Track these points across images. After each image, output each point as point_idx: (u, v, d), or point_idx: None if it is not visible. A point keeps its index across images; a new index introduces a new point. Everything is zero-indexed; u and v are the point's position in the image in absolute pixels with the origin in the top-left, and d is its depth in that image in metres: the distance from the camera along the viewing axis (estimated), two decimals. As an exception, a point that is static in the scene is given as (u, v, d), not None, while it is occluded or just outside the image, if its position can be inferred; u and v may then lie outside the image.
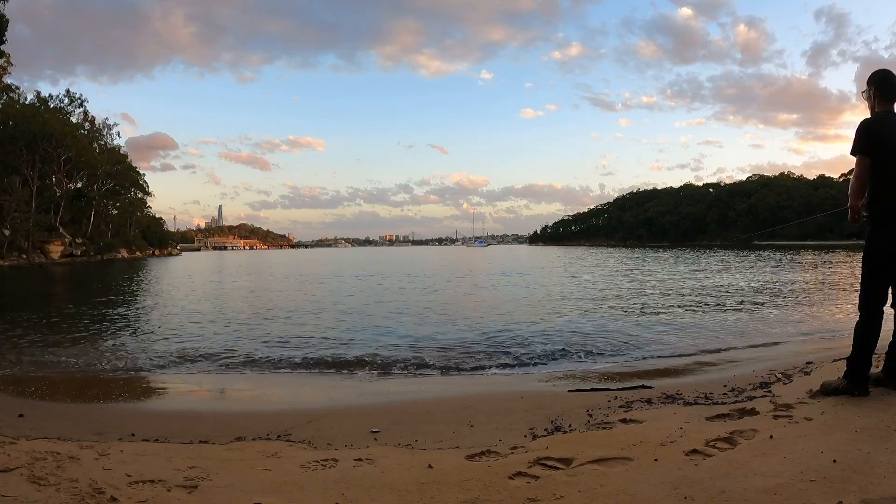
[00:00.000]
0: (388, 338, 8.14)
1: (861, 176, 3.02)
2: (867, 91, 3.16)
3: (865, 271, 3.10)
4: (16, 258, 41.49)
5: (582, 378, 5.45)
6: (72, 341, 7.98)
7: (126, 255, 58.54)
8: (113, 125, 70.84)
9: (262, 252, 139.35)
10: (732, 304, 11.55)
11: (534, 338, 7.77)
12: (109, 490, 2.29)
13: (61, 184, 50.88)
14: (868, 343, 3.03)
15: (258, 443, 3.33)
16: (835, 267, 24.17)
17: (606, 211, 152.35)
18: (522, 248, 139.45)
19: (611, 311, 10.90)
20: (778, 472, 2.17)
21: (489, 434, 3.34)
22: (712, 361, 6.09)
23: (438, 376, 5.74)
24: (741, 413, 3.16)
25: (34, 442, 3.11)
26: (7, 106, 47.22)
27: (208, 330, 9.23)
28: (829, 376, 3.53)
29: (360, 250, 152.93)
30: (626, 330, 8.42)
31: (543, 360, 6.33)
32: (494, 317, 10.36)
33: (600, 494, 2.14)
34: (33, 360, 6.53)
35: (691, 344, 7.17)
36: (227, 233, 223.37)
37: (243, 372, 6.12)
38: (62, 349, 7.27)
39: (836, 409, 2.92)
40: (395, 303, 13.35)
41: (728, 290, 14.67)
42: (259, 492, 2.35)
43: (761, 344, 6.99)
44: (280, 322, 10.12)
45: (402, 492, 2.31)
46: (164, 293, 17.78)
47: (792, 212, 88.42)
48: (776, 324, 8.76)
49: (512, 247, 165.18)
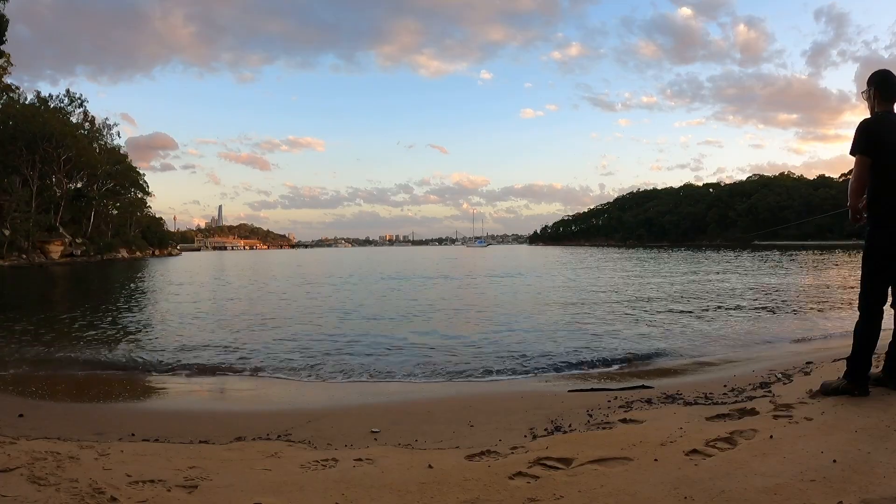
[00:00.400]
0: (390, 341, 8.13)
1: (861, 176, 3.02)
2: (867, 91, 3.16)
3: (865, 271, 3.10)
4: (16, 258, 41.50)
5: (582, 378, 5.45)
6: (72, 341, 7.98)
7: (126, 256, 58.54)
8: (113, 125, 70.82)
9: (263, 252, 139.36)
10: (732, 304, 11.55)
11: (535, 341, 7.77)
12: (109, 490, 2.29)
13: (61, 184, 50.88)
14: (868, 343, 3.03)
15: (258, 443, 3.33)
16: (834, 267, 24.17)
17: (606, 211, 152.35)
18: (522, 248, 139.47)
19: (611, 312, 10.89)
20: (778, 472, 2.17)
21: (489, 434, 3.34)
22: (712, 361, 6.09)
23: (440, 380, 5.72)
24: (741, 413, 3.16)
25: (34, 442, 3.10)
26: (7, 106, 47.22)
27: (208, 330, 9.23)
28: (829, 376, 3.53)
29: (360, 250, 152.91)
30: (627, 332, 8.42)
31: (544, 365, 6.32)
32: (495, 318, 10.35)
33: (600, 494, 2.14)
34: (33, 360, 6.53)
35: (691, 344, 7.17)
36: (227, 233, 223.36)
37: (243, 373, 6.11)
38: (62, 349, 7.27)
39: (836, 409, 2.92)
40: (398, 305, 13.35)
41: (728, 290, 14.67)
42: (259, 492, 2.35)
43: (761, 344, 6.99)
44: (281, 323, 10.12)
45: (402, 492, 2.31)
46: (164, 293, 17.78)
47: (792, 212, 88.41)
48: (776, 324, 8.75)
49: (512, 247, 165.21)
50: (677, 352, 6.69)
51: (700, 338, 7.62)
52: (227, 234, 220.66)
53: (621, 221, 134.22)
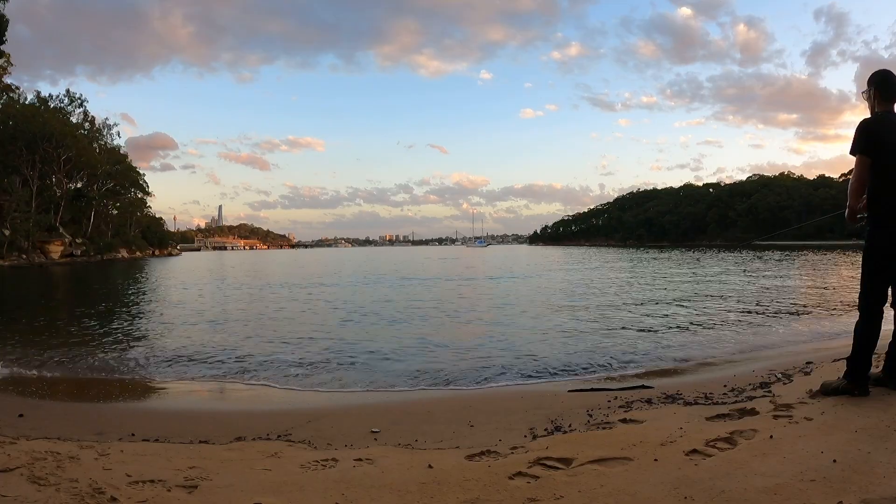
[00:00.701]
0: (391, 343, 8.14)
1: (861, 176, 3.02)
2: (867, 91, 3.16)
3: (865, 271, 3.10)
4: (16, 258, 41.52)
5: (582, 378, 5.45)
6: (72, 341, 7.98)
7: (126, 255, 58.57)
8: (113, 125, 70.87)
9: (263, 252, 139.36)
10: (732, 304, 11.55)
11: (535, 341, 7.77)
12: (109, 490, 2.29)
13: (61, 184, 50.90)
14: (868, 343, 3.03)
15: (258, 443, 3.33)
16: (834, 267, 24.16)
17: (606, 211, 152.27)
18: (522, 248, 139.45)
19: (612, 313, 10.90)
20: (778, 472, 2.17)
21: (489, 434, 3.34)
22: (712, 362, 6.09)
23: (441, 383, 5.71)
24: (741, 413, 3.16)
25: (34, 442, 3.10)
26: (7, 106, 47.25)
27: (209, 331, 9.23)
28: (829, 376, 3.52)
29: (360, 250, 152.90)
30: (627, 333, 8.43)
31: (544, 365, 6.32)
32: (496, 319, 10.36)
33: (600, 494, 2.14)
34: (33, 361, 6.53)
35: (691, 345, 7.16)
36: (228, 233, 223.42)
37: (243, 373, 6.11)
38: (62, 349, 7.26)
39: (836, 409, 2.91)
40: (398, 306, 13.35)
41: (728, 292, 14.67)
42: (259, 492, 2.35)
43: (761, 344, 6.98)
44: (281, 324, 10.12)
45: (402, 492, 2.31)
46: (164, 294, 17.78)
47: (792, 212, 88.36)
48: (776, 325, 8.75)
49: (512, 247, 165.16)
50: (677, 352, 6.69)
51: (700, 338, 7.62)
52: (227, 234, 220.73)
53: (621, 221, 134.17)
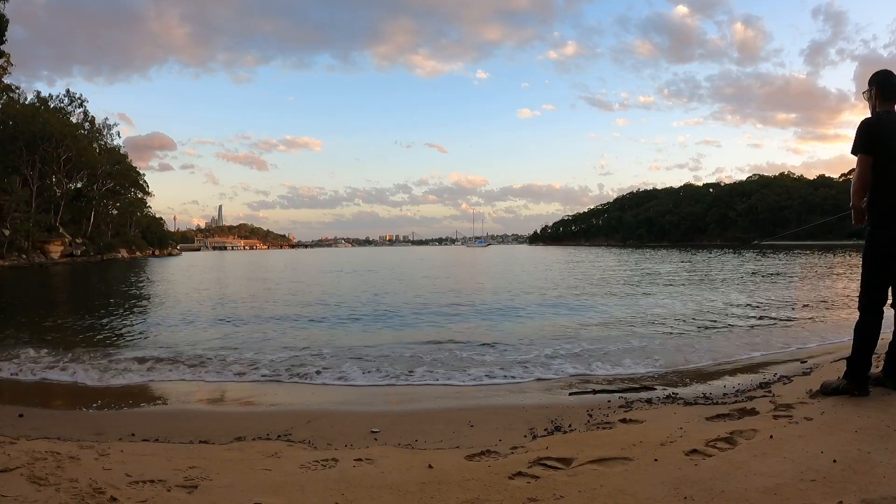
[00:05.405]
0: (391, 344, 8.13)
1: (863, 175, 3.02)
2: (868, 91, 3.17)
3: (865, 271, 3.10)
4: (16, 258, 41.49)
5: (582, 379, 5.44)
6: (71, 341, 7.98)
7: (126, 255, 58.56)
8: (113, 125, 70.82)
9: (263, 252, 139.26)
10: (732, 304, 11.55)
11: (535, 342, 7.77)
12: (109, 490, 2.29)
13: (61, 184, 50.87)
14: (868, 343, 3.04)
15: (258, 443, 3.33)
16: (834, 267, 24.16)
17: (606, 211, 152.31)
18: (523, 247, 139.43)
19: (612, 313, 10.90)
20: (778, 472, 2.17)
21: (489, 434, 3.34)
22: (712, 362, 6.08)
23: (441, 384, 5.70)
24: (741, 413, 3.16)
25: (34, 442, 3.10)
26: (7, 106, 47.19)
27: (209, 331, 9.23)
28: (829, 376, 3.53)
29: (360, 250, 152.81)
30: (627, 333, 8.43)
31: (544, 366, 6.32)
32: (496, 320, 10.36)
33: (600, 494, 2.14)
34: (33, 361, 6.53)
35: (691, 345, 7.16)
36: (228, 233, 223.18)
37: (243, 374, 6.11)
38: (62, 349, 7.26)
39: (836, 409, 2.92)
40: (398, 307, 13.35)
41: (728, 292, 14.68)
42: (259, 492, 2.35)
43: (761, 345, 6.97)
44: (282, 325, 10.12)
45: (402, 492, 2.31)
46: (164, 294, 17.77)
47: (792, 212, 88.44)
48: (776, 325, 8.75)
49: (512, 247, 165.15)
50: (678, 353, 6.68)
51: (700, 338, 7.62)
52: (227, 234, 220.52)
53: (621, 221, 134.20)
